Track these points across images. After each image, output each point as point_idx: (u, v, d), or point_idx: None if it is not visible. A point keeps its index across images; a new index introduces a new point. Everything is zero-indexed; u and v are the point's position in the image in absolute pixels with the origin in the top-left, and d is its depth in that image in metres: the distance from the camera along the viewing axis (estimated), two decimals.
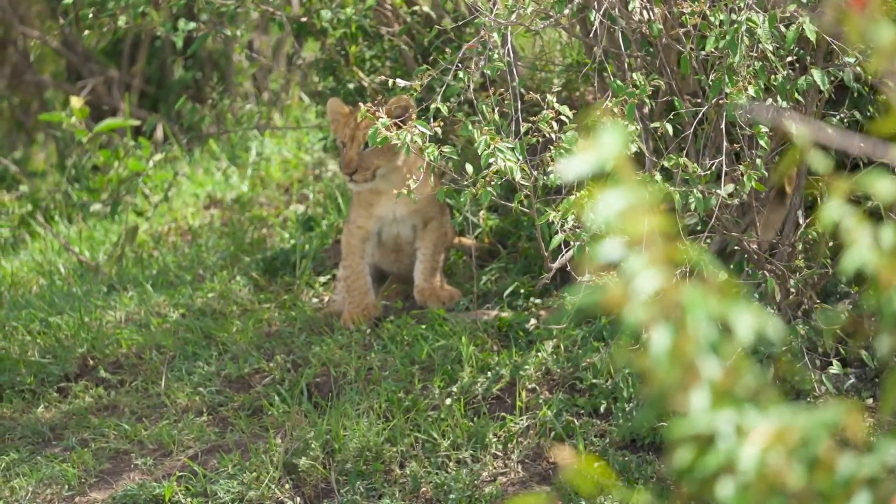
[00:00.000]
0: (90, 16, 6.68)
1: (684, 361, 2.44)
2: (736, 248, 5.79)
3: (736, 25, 5.24)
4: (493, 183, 5.23)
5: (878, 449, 2.51)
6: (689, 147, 5.55)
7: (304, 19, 6.84)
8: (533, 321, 6.20)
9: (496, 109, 5.40)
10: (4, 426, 6.10)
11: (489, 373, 5.95)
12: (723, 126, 5.39)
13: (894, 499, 2.48)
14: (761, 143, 5.37)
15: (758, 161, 5.40)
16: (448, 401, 5.86)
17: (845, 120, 5.67)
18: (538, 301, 6.34)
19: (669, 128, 5.37)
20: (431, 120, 5.33)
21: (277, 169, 8.02)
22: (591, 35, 5.51)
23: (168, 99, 9.42)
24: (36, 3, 9.98)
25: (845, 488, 2.45)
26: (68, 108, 8.19)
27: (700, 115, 5.41)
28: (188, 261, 7.20)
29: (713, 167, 5.38)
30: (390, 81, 5.49)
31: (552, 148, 5.29)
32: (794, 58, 5.47)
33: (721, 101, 5.31)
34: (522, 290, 6.41)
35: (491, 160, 5.20)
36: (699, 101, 5.53)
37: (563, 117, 5.32)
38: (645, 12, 5.51)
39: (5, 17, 9.70)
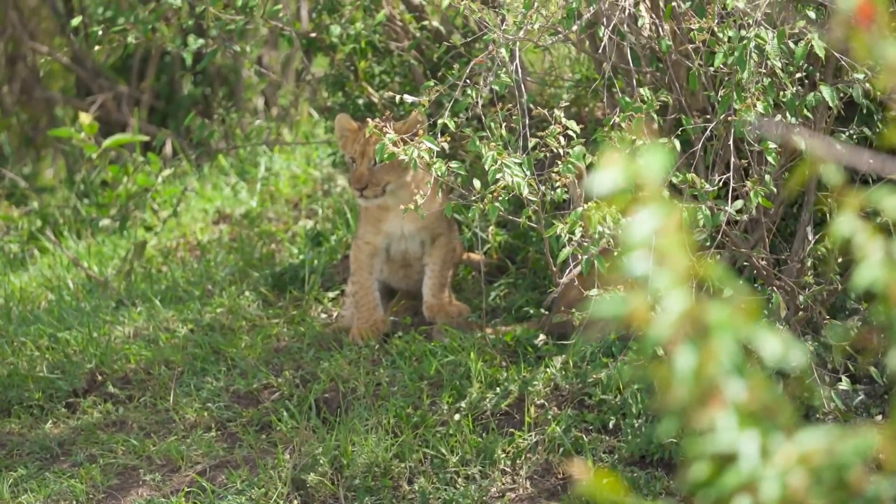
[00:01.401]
0: (100, 32, 6.69)
1: (706, 380, 2.43)
2: (745, 263, 5.78)
3: (745, 42, 5.24)
4: (500, 198, 5.23)
5: None
6: (698, 163, 5.54)
7: (313, 35, 6.85)
8: (542, 337, 6.19)
9: (504, 125, 5.40)
10: (13, 442, 6.10)
11: (498, 388, 5.95)
12: (731, 142, 5.39)
13: None
14: (769, 159, 5.37)
15: (766, 177, 5.40)
16: (457, 416, 5.85)
17: (854, 136, 5.66)
18: (546, 311, 6.34)
19: (678, 143, 5.37)
20: (439, 135, 5.33)
21: (286, 184, 8.02)
22: (600, 51, 5.51)
23: (177, 114, 9.43)
24: (45, 20, 10.00)
25: None
26: (77, 123, 8.20)
27: (708, 131, 5.41)
28: (197, 276, 7.20)
29: (720, 183, 5.38)
30: (398, 97, 5.50)
31: (560, 163, 5.29)
32: (803, 74, 5.47)
33: (730, 118, 5.31)
34: (531, 307, 6.41)
35: (498, 175, 5.20)
36: (708, 117, 5.53)
37: (570, 132, 5.32)
38: (654, 28, 5.52)
39: (15, 33, 9.72)
